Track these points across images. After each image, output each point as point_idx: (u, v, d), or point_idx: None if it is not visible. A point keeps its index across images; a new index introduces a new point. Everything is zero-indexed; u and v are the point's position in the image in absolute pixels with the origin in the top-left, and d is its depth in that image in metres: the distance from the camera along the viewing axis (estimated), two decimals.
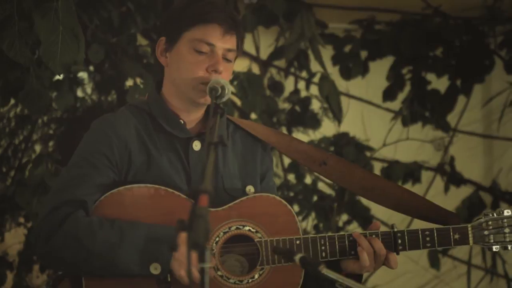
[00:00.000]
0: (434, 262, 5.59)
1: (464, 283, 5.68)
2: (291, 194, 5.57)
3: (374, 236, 3.00)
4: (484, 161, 6.42)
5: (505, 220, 3.06)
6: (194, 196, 2.16)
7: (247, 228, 2.94)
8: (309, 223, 5.57)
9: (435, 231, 3.02)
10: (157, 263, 2.80)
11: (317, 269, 2.40)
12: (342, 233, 3.01)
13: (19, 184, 4.35)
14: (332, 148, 5.58)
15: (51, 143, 4.90)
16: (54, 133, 4.89)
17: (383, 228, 3.03)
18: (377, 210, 5.28)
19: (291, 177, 5.63)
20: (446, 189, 5.76)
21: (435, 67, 5.60)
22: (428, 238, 3.01)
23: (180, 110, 3.02)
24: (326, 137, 5.62)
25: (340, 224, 5.55)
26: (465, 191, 5.79)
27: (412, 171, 5.67)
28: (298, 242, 2.95)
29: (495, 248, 3.06)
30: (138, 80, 4.16)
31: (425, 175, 5.77)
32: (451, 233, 3.03)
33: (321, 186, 5.57)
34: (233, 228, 2.94)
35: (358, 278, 3.04)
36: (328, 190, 5.61)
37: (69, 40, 3.12)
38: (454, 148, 6.01)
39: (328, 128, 5.66)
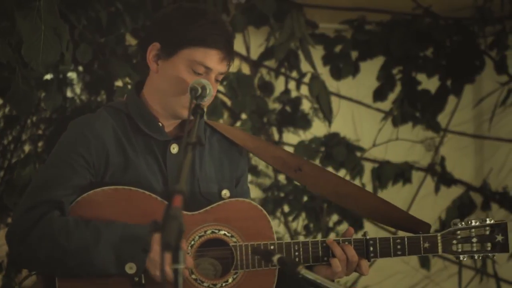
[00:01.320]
0: (425, 263, 5.60)
1: (455, 283, 5.69)
2: (282, 194, 5.57)
3: (346, 243, 3.02)
4: (475, 161, 6.42)
5: (473, 230, 3.10)
6: (168, 196, 2.16)
7: (222, 232, 2.96)
8: (299, 224, 5.57)
9: (406, 239, 3.06)
10: (132, 263, 2.81)
11: (295, 269, 2.40)
12: (315, 239, 3.04)
13: (7, 185, 4.33)
14: (322, 148, 5.58)
15: (40, 144, 4.88)
16: (43, 133, 4.87)
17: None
18: None
19: (282, 177, 5.63)
20: (437, 189, 5.76)
21: (425, 67, 5.60)
22: (399, 246, 3.05)
23: (159, 114, 3.02)
24: (317, 137, 5.62)
25: (331, 224, 5.54)
26: (455, 191, 5.79)
27: (403, 172, 5.67)
28: (272, 247, 2.97)
29: (462, 257, 3.09)
30: (126, 80, 4.15)
31: (416, 176, 5.78)
32: (421, 242, 3.06)
33: None
34: (208, 232, 2.95)
35: None
36: None
37: (51, 39, 3.11)
38: (445, 148, 6.02)
39: (318, 128, 5.65)
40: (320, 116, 5.55)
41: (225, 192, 3.06)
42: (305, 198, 5.54)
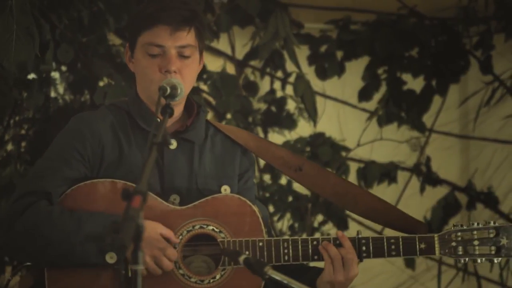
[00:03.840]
0: (410, 263, 5.60)
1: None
2: (267, 194, 5.56)
3: (338, 242, 2.98)
4: (460, 161, 6.42)
5: (475, 232, 2.98)
6: (128, 197, 2.15)
7: (210, 227, 2.95)
8: (284, 224, 5.56)
9: (400, 239, 2.97)
10: (112, 252, 2.81)
11: (262, 270, 2.39)
12: (305, 237, 3.01)
13: None
14: (308, 149, 5.58)
15: (23, 144, 4.87)
16: (27, 133, 4.85)
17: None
18: None
19: (267, 177, 5.62)
20: (422, 189, 5.76)
21: (410, 67, 5.59)
22: (393, 246, 2.97)
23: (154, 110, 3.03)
24: (302, 137, 5.62)
25: (316, 224, 5.54)
26: (441, 191, 5.79)
27: (388, 171, 5.67)
28: (261, 244, 2.95)
29: (463, 260, 2.97)
30: (107, 80, 4.14)
31: (401, 175, 5.77)
32: (417, 242, 2.97)
33: (296, 186, 5.56)
34: (196, 227, 2.94)
35: None
36: (303, 191, 5.59)
37: (23, 39, 3.10)
38: (430, 148, 6.02)
39: (304, 128, 5.65)
40: (305, 116, 5.54)
41: (225, 188, 3.05)
42: (290, 199, 5.53)
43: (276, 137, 5.64)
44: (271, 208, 5.56)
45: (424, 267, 5.97)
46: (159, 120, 2.90)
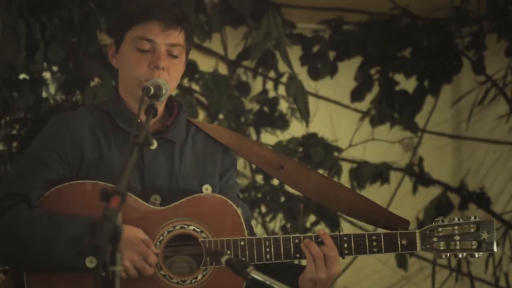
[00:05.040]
0: (402, 263, 5.59)
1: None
2: (259, 195, 5.55)
3: (320, 240, 2.98)
4: (453, 161, 6.42)
5: (456, 228, 3.00)
6: (106, 197, 2.14)
7: (192, 227, 2.93)
8: (276, 224, 5.55)
9: (382, 236, 2.98)
10: (93, 257, 2.80)
11: (244, 271, 2.38)
12: (287, 235, 3.00)
13: None
14: (300, 149, 5.57)
15: (15, 144, 4.86)
16: (18, 133, 4.84)
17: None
18: None
19: (259, 178, 5.61)
20: (415, 190, 5.76)
21: (403, 68, 5.60)
22: (375, 243, 2.98)
23: (135, 109, 3.01)
24: (295, 137, 5.60)
25: (308, 225, 5.53)
26: (433, 191, 5.79)
27: (381, 172, 5.66)
28: (242, 243, 2.95)
29: (444, 255, 2.99)
30: (96, 80, 4.13)
31: (394, 176, 5.77)
32: (399, 239, 2.99)
33: (288, 187, 5.54)
34: (177, 227, 2.93)
35: None
36: (295, 191, 5.58)
37: (9, 39, 3.09)
38: (423, 149, 6.01)
39: (296, 128, 5.64)
40: (297, 117, 5.54)
41: (207, 187, 3.03)
42: (282, 199, 5.52)
43: (269, 138, 5.64)
44: (263, 209, 5.56)
45: (416, 268, 5.97)
46: (139, 121, 2.90)
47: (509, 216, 5.84)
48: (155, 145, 2.98)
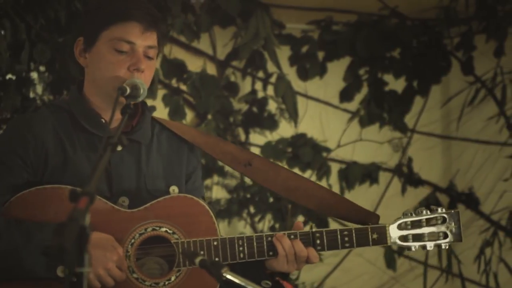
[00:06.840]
0: (391, 263, 5.59)
1: (421, 283, 5.68)
2: (248, 195, 5.54)
3: (292, 236, 2.99)
4: (442, 162, 6.42)
5: (424, 220, 3.09)
6: (74, 198, 2.12)
7: (163, 229, 2.92)
8: (265, 225, 5.55)
9: (353, 231, 3.04)
10: (63, 267, 2.74)
11: (219, 272, 2.37)
12: (260, 234, 3.01)
13: None
14: (289, 149, 5.56)
15: None
16: None
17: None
18: None
19: (248, 178, 5.59)
20: (404, 190, 5.76)
21: (392, 68, 5.59)
22: (346, 238, 3.02)
23: (102, 109, 2.99)
24: (284, 138, 5.60)
25: None
26: (422, 192, 5.79)
27: (370, 172, 5.66)
28: (215, 243, 2.94)
29: (413, 247, 3.09)
30: None
31: (383, 176, 5.77)
32: (369, 233, 3.05)
33: None
34: (149, 230, 2.91)
35: (284, 275, 3.06)
36: None
37: None
38: (412, 149, 6.01)
39: (285, 129, 5.63)
40: (286, 117, 5.53)
41: (174, 188, 3.02)
42: (271, 199, 5.52)
43: (257, 138, 5.63)
44: (252, 209, 5.55)
45: (405, 268, 5.97)
46: (103, 121, 2.87)
47: (497, 216, 5.85)
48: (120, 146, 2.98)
